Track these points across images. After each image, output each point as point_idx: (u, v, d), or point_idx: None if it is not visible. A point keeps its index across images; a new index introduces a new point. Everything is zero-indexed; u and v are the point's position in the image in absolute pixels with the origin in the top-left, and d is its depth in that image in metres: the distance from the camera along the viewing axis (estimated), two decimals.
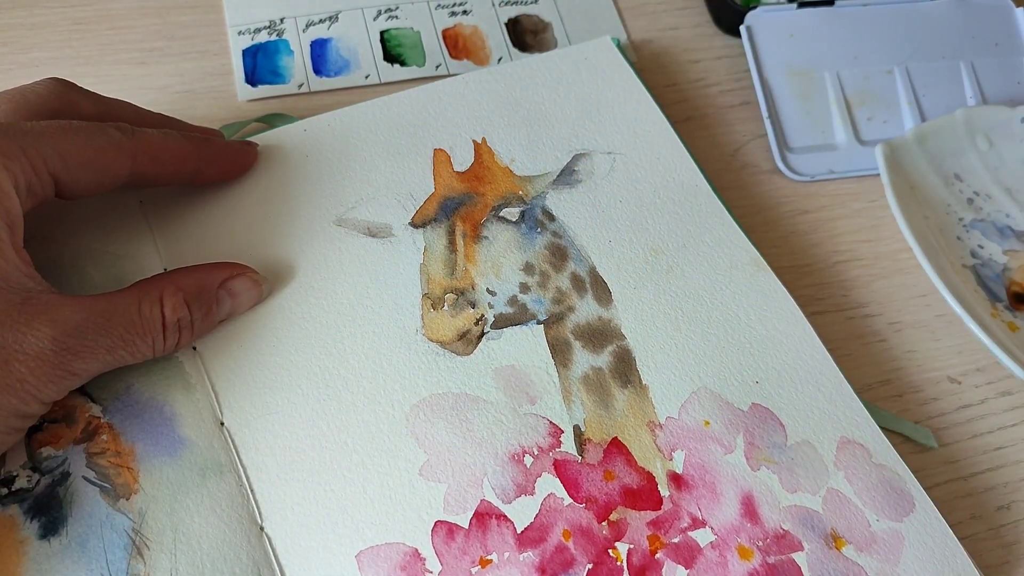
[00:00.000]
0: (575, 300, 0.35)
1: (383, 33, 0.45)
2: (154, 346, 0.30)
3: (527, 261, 0.35)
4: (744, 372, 0.33)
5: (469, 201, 0.37)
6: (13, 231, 0.28)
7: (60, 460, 0.29)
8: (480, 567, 0.29)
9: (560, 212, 0.37)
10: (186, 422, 0.31)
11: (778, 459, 0.32)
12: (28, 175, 0.28)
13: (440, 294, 0.34)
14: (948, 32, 0.48)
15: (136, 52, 0.43)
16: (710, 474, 0.31)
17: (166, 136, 0.32)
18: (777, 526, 0.30)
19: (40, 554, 0.28)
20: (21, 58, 0.42)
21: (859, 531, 0.30)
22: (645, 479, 0.31)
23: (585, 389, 0.33)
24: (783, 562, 0.30)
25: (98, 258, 0.34)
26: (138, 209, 0.35)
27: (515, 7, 0.47)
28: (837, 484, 0.31)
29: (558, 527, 0.30)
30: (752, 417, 0.32)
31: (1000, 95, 0.47)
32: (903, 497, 0.31)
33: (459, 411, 0.32)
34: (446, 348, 0.33)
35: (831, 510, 0.31)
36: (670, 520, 0.30)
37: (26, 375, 0.26)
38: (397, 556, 0.29)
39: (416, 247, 0.35)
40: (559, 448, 0.31)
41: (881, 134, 0.44)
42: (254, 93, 0.42)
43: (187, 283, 0.31)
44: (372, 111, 0.39)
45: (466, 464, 0.31)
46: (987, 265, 0.41)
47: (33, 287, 0.27)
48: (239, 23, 0.45)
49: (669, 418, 0.32)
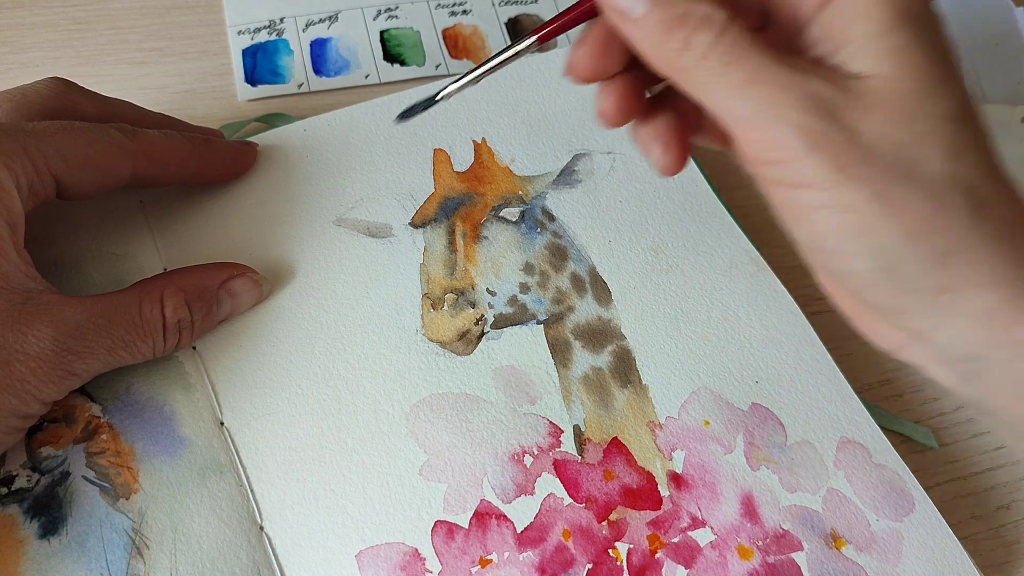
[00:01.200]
0: (575, 300, 0.35)
1: (383, 33, 0.45)
2: (154, 346, 0.30)
3: (527, 261, 0.35)
4: (744, 372, 0.33)
5: (469, 201, 0.37)
6: (14, 231, 0.28)
7: (60, 460, 0.29)
8: (480, 567, 0.29)
9: (560, 212, 0.37)
10: (186, 422, 0.31)
11: (778, 459, 0.32)
12: (30, 175, 0.28)
13: (440, 294, 0.34)
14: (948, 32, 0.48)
15: (136, 52, 0.43)
16: (710, 474, 0.31)
17: (167, 137, 0.32)
18: (777, 526, 0.30)
19: (40, 554, 0.28)
20: (21, 58, 0.42)
21: (859, 531, 0.30)
22: (645, 479, 0.31)
23: (585, 389, 0.33)
24: (783, 562, 0.30)
25: (99, 258, 0.34)
26: (138, 209, 0.35)
27: (515, 7, 0.47)
28: (837, 484, 0.31)
29: (558, 527, 0.30)
30: (752, 417, 0.32)
31: (1000, 95, 0.47)
32: (903, 497, 0.31)
33: (459, 411, 0.32)
34: (446, 348, 0.33)
35: (831, 510, 0.31)
36: (670, 520, 0.30)
37: (26, 375, 0.26)
38: (397, 556, 0.29)
39: (416, 247, 0.35)
40: (559, 448, 0.31)
41: None
42: (254, 93, 0.42)
43: (188, 283, 0.31)
44: (372, 111, 0.39)
45: (466, 464, 0.31)
46: None
47: (34, 287, 0.27)
48: (239, 23, 0.45)
49: (669, 418, 0.32)
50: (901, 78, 0.23)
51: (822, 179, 0.23)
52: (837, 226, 0.24)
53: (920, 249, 0.24)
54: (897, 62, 0.23)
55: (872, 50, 0.23)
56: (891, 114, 0.23)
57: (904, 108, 0.23)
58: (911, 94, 0.23)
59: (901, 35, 0.23)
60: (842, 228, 0.24)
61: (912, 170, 0.23)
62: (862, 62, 0.23)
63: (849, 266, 0.25)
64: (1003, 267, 0.23)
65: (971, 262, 0.23)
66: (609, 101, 0.28)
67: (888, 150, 0.23)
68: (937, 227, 0.23)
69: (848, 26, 0.24)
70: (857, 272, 0.25)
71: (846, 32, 0.24)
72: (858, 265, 0.25)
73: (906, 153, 0.23)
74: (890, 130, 0.23)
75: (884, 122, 0.23)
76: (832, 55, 0.24)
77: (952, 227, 0.23)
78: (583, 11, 0.27)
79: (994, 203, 0.24)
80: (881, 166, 0.23)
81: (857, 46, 0.24)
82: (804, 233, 0.26)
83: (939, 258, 0.24)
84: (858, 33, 0.23)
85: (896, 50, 0.23)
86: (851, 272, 0.25)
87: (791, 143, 0.23)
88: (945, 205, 0.23)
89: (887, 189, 0.23)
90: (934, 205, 0.23)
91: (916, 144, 0.23)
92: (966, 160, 0.23)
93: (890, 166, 0.23)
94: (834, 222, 0.24)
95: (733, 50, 0.23)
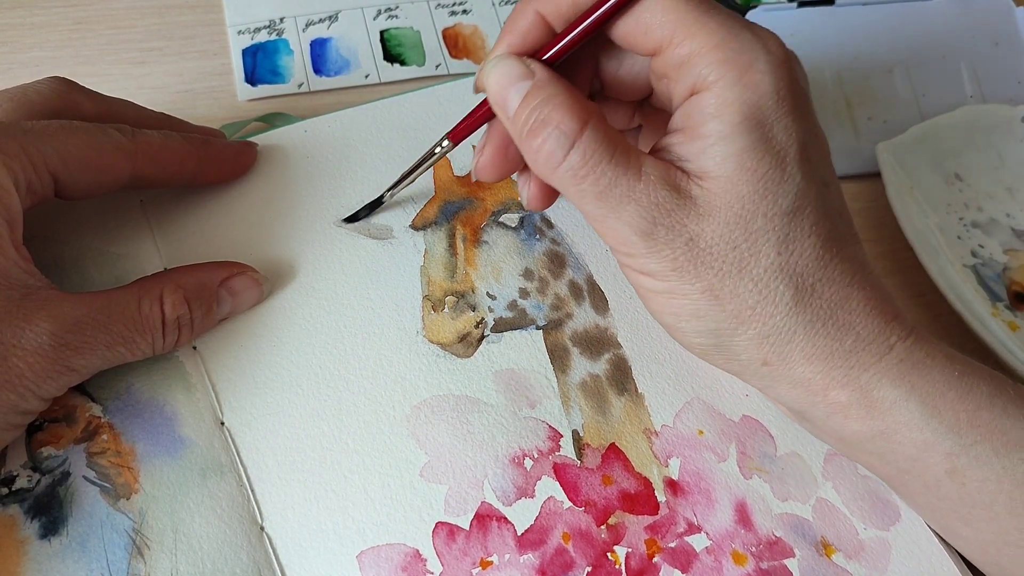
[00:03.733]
0: (573, 307, 0.35)
1: (383, 32, 0.45)
2: (153, 343, 0.30)
3: (526, 267, 0.35)
4: (734, 384, 0.34)
5: (469, 206, 0.37)
6: (12, 228, 0.28)
7: (60, 460, 0.29)
8: (481, 568, 0.29)
9: (558, 220, 0.37)
10: (186, 422, 0.31)
11: (769, 468, 0.32)
12: (28, 173, 0.28)
13: (440, 296, 0.34)
14: (948, 32, 0.48)
15: (136, 52, 0.43)
16: (705, 481, 0.31)
17: (166, 138, 0.32)
18: (770, 533, 0.30)
19: (40, 554, 0.28)
20: (21, 58, 0.42)
21: (848, 539, 0.31)
22: (642, 484, 0.31)
23: (583, 395, 0.33)
24: (776, 567, 0.30)
25: (99, 257, 0.34)
26: (139, 209, 0.35)
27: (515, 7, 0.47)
28: (826, 494, 0.32)
29: (558, 530, 0.30)
30: (743, 428, 0.33)
31: (1000, 95, 0.47)
32: (888, 507, 0.32)
33: (460, 413, 0.32)
34: (446, 350, 0.33)
35: (821, 518, 0.31)
36: (667, 525, 0.30)
37: (24, 370, 0.26)
38: (398, 557, 0.29)
39: (417, 249, 0.35)
40: (558, 452, 0.31)
41: (881, 134, 0.44)
42: (254, 93, 0.42)
43: (187, 281, 0.31)
44: (373, 113, 0.39)
45: (467, 466, 0.31)
46: (987, 264, 0.41)
47: (32, 283, 0.27)
48: (239, 23, 0.45)
49: (664, 426, 0.32)
50: (739, 180, 0.26)
51: (662, 273, 0.27)
52: (675, 309, 0.28)
53: (745, 332, 0.27)
54: (738, 164, 0.26)
55: (718, 151, 0.26)
56: (729, 216, 0.26)
57: (741, 210, 0.26)
58: (748, 196, 0.26)
59: (745, 138, 0.26)
60: (678, 311, 0.28)
61: (743, 266, 0.27)
62: (709, 160, 0.26)
63: (687, 339, 0.29)
64: (821, 343, 0.27)
65: (790, 341, 0.27)
66: (526, 191, 0.31)
67: (722, 251, 0.26)
68: (760, 313, 0.27)
69: (704, 123, 0.26)
70: (694, 344, 0.29)
71: (701, 128, 0.26)
72: (694, 340, 0.29)
73: (739, 252, 0.26)
74: (726, 232, 0.26)
75: (721, 225, 0.26)
76: (688, 144, 0.27)
77: (775, 313, 0.27)
78: (488, 113, 0.30)
79: (818, 286, 0.27)
80: (713, 266, 0.27)
81: (707, 144, 0.26)
82: (649, 308, 0.29)
83: (762, 339, 0.27)
84: (710, 131, 0.26)
85: (737, 154, 0.26)
86: (689, 343, 0.29)
87: (636, 244, 0.27)
88: (770, 295, 0.27)
89: (717, 284, 0.27)
90: (759, 296, 0.27)
91: (749, 243, 0.26)
92: (796, 251, 0.27)
93: (723, 265, 0.27)
94: (672, 305, 0.28)
95: (587, 161, 0.26)
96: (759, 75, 0.26)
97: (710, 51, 0.26)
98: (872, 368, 0.27)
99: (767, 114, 0.26)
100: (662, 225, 0.26)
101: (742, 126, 0.26)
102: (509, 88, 0.27)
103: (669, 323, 0.29)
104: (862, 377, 0.27)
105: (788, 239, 0.26)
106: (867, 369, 0.27)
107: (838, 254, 0.27)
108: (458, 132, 0.32)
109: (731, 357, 0.29)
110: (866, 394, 0.27)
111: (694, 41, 0.26)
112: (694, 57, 0.26)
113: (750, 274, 0.27)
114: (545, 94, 0.27)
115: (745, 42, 0.26)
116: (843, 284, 0.27)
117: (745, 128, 0.26)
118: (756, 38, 0.26)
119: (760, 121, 0.26)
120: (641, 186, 0.26)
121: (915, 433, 0.27)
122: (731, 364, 0.29)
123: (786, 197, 0.26)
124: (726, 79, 0.26)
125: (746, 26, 0.26)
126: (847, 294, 0.27)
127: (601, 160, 0.26)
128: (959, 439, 0.27)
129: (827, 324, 0.27)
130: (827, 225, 0.27)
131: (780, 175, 0.26)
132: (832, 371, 0.27)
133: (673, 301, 0.28)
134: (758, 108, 0.26)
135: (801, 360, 0.27)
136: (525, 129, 0.27)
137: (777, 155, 0.26)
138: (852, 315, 0.27)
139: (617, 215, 0.26)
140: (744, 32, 0.26)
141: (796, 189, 0.26)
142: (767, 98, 0.26)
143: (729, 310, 0.27)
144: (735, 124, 0.26)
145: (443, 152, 0.32)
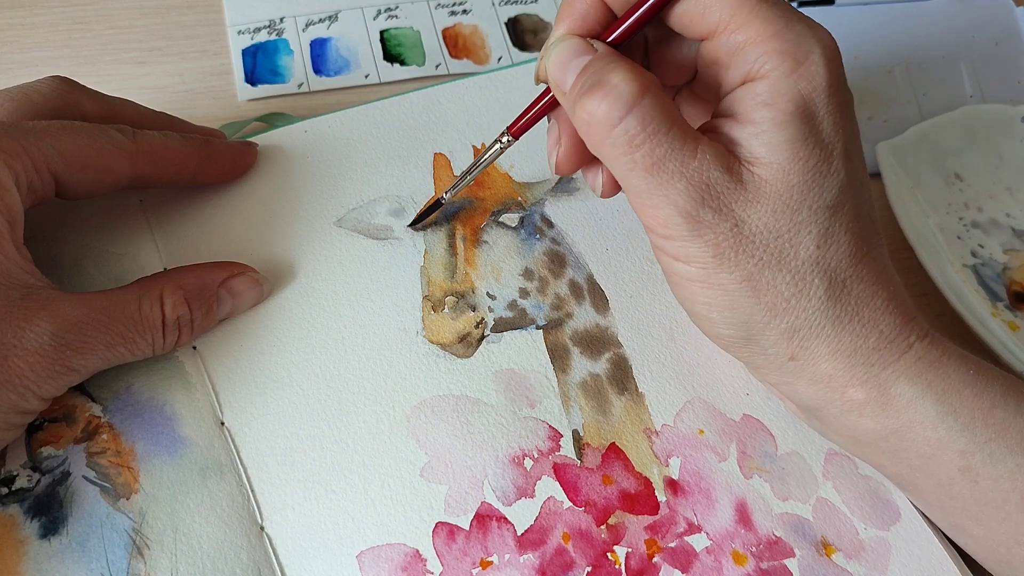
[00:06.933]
0: (573, 307, 0.35)
1: (383, 32, 0.45)
2: (153, 343, 0.30)
3: (526, 267, 0.35)
4: (735, 383, 0.34)
5: (469, 206, 0.37)
6: (13, 227, 0.28)
7: (60, 460, 0.29)
8: (481, 568, 0.29)
9: (558, 219, 0.37)
10: (186, 422, 0.31)
11: (769, 468, 0.32)
12: (29, 173, 0.28)
13: (440, 296, 0.34)
14: (948, 32, 0.48)
15: (136, 52, 0.43)
16: (705, 481, 0.31)
17: (167, 138, 0.32)
18: (770, 533, 0.30)
19: (40, 554, 0.28)
20: (21, 58, 0.42)
21: (848, 539, 0.31)
22: (642, 484, 0.31)
23: (583, 395, 0.33)
24: (776, 567, 0.30)
25: (99, 257, 0.34)
26: (139, 209, 0.35)
27: (515, 7, 0.47)
28: (826, 493, 0.32)
29: (558, 530, 0.30)
30: (744, 427, 0.33)
31: (1000, 95, 0.47)
32: (888, 507, 0.32)
33: (460, 413, 0.32)
34: (447, 350, 0.33)
35: (821, 518, 0.31)
36: (667, 525, 0.30)
37: (24, 370, 0.26)
38: (398, 557, 0.29)
39: (416, 250, 0.35)
40: (558, 452, 0.31)
41: (881, 134, 0.44)
42: (254, 93, 0.42)
43: (188, 281, 0.31)
44: (373, 113, 0.39)
45: (467, 466, 0.31)
46: (987, 264, 0.41)
47: (33, 283, 0.27)
48: (239, 23, 0.45)
49: (665, 425, 0.32)
50: (790, 170, 0.26)
51: (700, 259, 0.27)
52: (708, 298, 0.28)
53: (777, 325, 0.27)
54: (789, 153, 0.26)
55: (770, 138, 0.26)
56: (776, 205, 0.26)
57: (790, 199, 0.26)
58: (797, 186, 0.26)
59: (796, 128, 0.26)
60: (712, 301, 0.28)
61: (782, 257, 0.27)
62: (760, 146, 0.26)
63: (715, 329, 0.29)
64: (847, 339, 0.27)
65: (818, 336, 0.27)
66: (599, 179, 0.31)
67: (764, 239, 0.26)
68: (794, 307, 0.27)
69: (756, 109, 0.26)
70: (721, 335, 0.29)
71: (752, 115, 0.26)
72: (723, 331, 0.29)
73: (780, 242, 0.26)
74: (772, 220, 0.26)
75: (768, 213, 0.26)
76: (739, 128, 0.27)
77: (807, 307, 0.27)
78: (549, 102, 0.30)
79: (849, 283, 0.27)
80: (755, 254, 0.27)
81: (759, 130, 0.26)
82: (679, 296, 0.29)
83: (792, 333, 0.27)
84: (762, 118, 0.26)
85: (789, 142, 0.26)
86: (716, 334, 0.29)
87: (679, 225, 0.26)
88: (805, 288, 0.27)
89: (756, 273, 0.27)
90: (795, 289, 0.27)
91: (792, 233, 0.26)
92: (834, 246, 0.27)
93: (764, 254, 0.27)
94: (706, 295, 0.28)
95: (645, 128, 0.26)
96: (814, 67, 0.26)
97: (766, 40, 0.26)
98: (892, 366, 0.27)
99: (818, 107, 0.26)
100: (710, 207, 0.26)
101: (795, 115, 0.26)
102: (569, 62, 0.27)
103: (700, 312, 0.29)
104: (881, 375, 0.27)
105: (828, 233, 0.27)
106: (887, 367, 0.27)
107: (868, 253, 0.27)
108: (519, 126, 0.31)
109: (757, 351, 0.29)
110: (883, 391, 0.27)
111: (750, 28, 0.26)
112: (749, 45, 0.26)
113: (788, 265, 0.27)
114: (605, 60, 0.26)
115: (800, 34, 0.26)
116: (870, 282, 0.27)
117: (797, 118, 0.26)
118: (811, 31, 0.26)
119: (812, 113, 0.26)
120: (695, 163, 0.26)
121: (929, 431, 0.27)
122: (755, 358, 0.29)
123: (831, 191, 0.26)
124: (781, 69, 0.26)
125: (800, 18, 0.26)
126: (873, 292, 0.27)
127: (659, 129, 0.26)
128: (973, 436, 0.27)
129: (853, 321, 0.27)
130: (861, 224, 0.27)
131: (827, 168, 0.26)
132: (854, 368, 0.27)
133: (707, 290, 0.28)
134: (811, 101, 0.26)
135: (826, 356, 0.28)
136: (582, 93, 0.26)
137: (825, 148, 0.26)
138: (877, 313, 0.27)
139: (665, 191, 0.26)
140: (799, 24, 0.26)
141: (840, 184, 0.26)
142: (820, 92, 0.26)
143: (765, 301, 0.27)
144: (788, 113, 0.26)
145: (504, 147, 0.32)
